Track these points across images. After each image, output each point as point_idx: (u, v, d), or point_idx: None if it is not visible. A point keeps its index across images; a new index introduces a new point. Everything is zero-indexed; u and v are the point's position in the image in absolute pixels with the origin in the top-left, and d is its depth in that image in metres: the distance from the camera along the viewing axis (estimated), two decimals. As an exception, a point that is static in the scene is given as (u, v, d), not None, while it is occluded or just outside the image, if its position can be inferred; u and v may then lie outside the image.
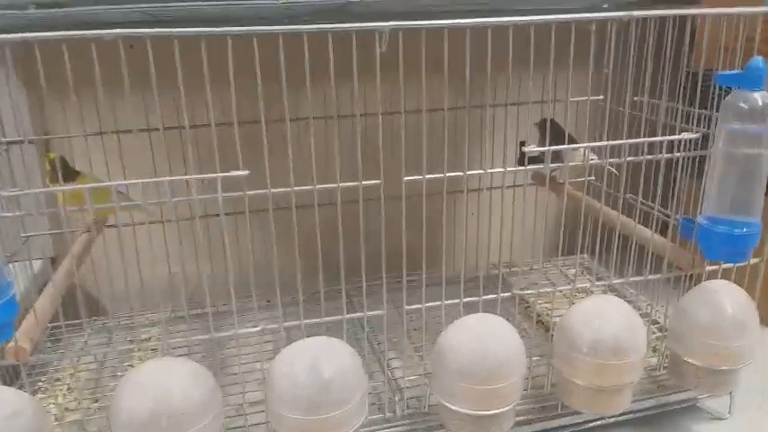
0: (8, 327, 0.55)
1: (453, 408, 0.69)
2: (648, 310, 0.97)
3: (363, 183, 0.64)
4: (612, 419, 0.86)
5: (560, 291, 0.78)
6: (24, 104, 0.97)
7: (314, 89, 0.61)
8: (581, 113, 1.10)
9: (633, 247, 0.83)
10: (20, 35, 0.54)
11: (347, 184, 0.65)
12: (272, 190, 0.63)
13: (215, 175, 0.58)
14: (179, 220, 0.70)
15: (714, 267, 0.81)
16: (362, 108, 0.66)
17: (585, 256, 1.24)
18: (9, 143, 0.89)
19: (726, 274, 0.82)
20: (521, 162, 1.12)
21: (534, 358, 0.79)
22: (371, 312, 0.68)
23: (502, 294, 0.73)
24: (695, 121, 0.85)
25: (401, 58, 0.63)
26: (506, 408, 0.69)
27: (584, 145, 0.77)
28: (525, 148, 0.73)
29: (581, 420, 0.83)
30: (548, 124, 1.03)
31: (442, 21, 0.60)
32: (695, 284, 0.80)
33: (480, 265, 1.16)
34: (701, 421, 0.88)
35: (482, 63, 0.66)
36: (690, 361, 0.78)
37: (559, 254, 1.21)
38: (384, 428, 0.75)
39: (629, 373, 0.73)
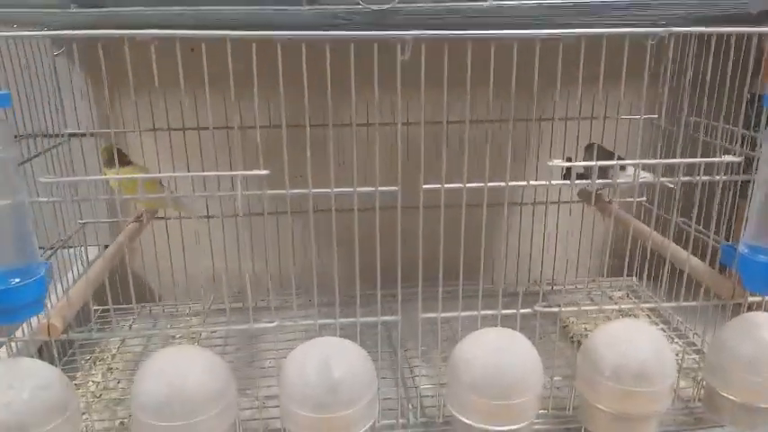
0: (38, 304, 0.59)
1: (465, 421, 0.68)
2: (693, 338, 0.92)
3: (382, 188, 0.64)
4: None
5: (586, 309, 0.75)
6: (87, 99, 1.03)
7: (358, 96, 0.63)
8: (633, 132, 1.07)
9: (677, 273, 0.79)
10: (85, 32, 0.57)
11: (384, 188, 0.65)
12: (313, 190, 0.65)
13: (235, 173, 0.60)
14: (222, 216, 0.72)
15: (758, 298, 0.77)
16: (405, 117, 0.66)
17: (634, 279, 1.19)
18: (71, 135, 0.95)
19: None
20: (566, 178, 1.10)
21: (556, 378, 0.77)
22: (385, 318, 0.69)
23: (522, 310, 0.72)
24: (747, 145, 0.81)
25: (431, 67, 0.63)
26: (520, 425, 0.68)
27: (633, 162, 0.74)
28: (570, 163, 0.72)
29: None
30: (595, 148, 1.00)
31: (470, 32, 0.60)
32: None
33: (522, 280, 1.15)
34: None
35: (531, 77, 0.65)
36: (726, 396, 0.74)
37: (605, 275, 1.17)
38: (397, 434, 0.76)
39: (653, 403, 0.70)
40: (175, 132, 0.99)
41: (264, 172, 0.61)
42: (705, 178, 0.72)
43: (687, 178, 0.74)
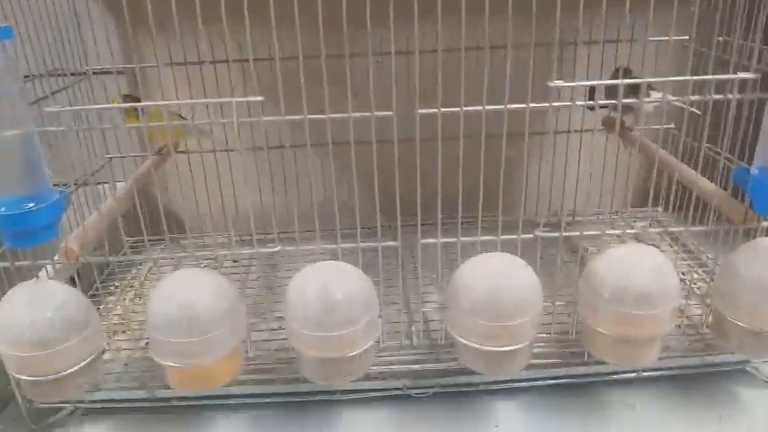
0: (53, 227, 0.63)
1: (465, 342, 0.70)
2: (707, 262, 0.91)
3: (378, 113, 0.64)
4: (650, 373, 0.83)
5: (590, 234, 0.75)
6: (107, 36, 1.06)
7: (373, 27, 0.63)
8: (662, 56, 1.02)
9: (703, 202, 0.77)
10: None
11: (381, 113, 0.65)
12: (309, 116, 0.66)
13: (229, 99, 0.62)
14: (240, 148, 0.73)
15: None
16: (421, 45, 0.66)
17: (659, 209, 1.17)
18: (94, 72, 0.98)
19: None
20: (590, 108, 1.07)
21: (559, 303, 0.77)
22: (385, 243, 0.70)
23: (523, 236, 0.72)
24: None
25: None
26: (518, 345, 0.69)
27: (647, 80, 0.72)
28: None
29: (610, 371, 0.81)
30: (620, 72, 0.97)
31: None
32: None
33: (543, 212, 1.14)
34: (749, 386, 0.83)
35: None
36: (734, 321, 0.73)
37: (630, 205, 1.15)
38: (401, 355, 0.78)
39: (654, 326, 0.70)
40: (194, 67, 1.00)
41: (259, 98, 0.62)
42: (716, 97, 0.70)
43: (697, 97, 0.71)
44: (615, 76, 0.96)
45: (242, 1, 0.60)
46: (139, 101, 0.92)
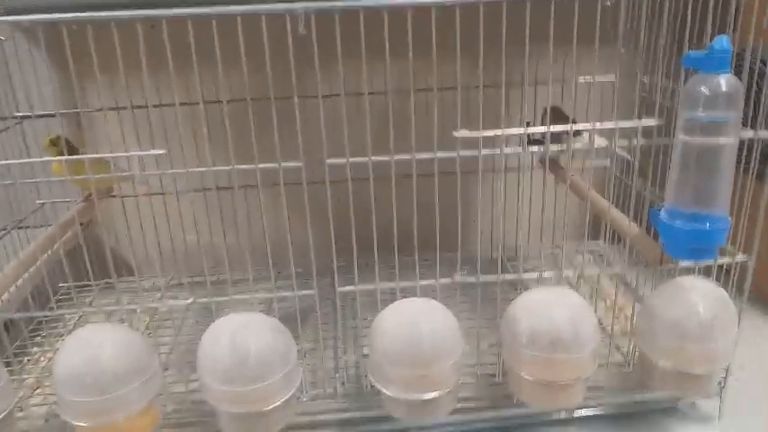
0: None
1: (384, 391, 0.69)
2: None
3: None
4: (585, 413, 0.83)
5: (508, 279, 0.75)
6: (52, 81, 1.05)
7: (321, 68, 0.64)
8: (594, 96, 1.04)
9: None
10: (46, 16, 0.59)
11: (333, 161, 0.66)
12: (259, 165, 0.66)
13: (131, 153, 0.61)
14: (172, 193, 0.73)
15: (690, 264, 0.75)
16: (370, 86, 0.66)
17: (600, 242, 1.18)
18: (23, 117, 0.96)
19: (707, 271, 0.76)
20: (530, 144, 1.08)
21: (483, 347, 0.77)
22: (302, 292, 0.69)
23: (441, 281, 0.72)
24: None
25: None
26: (439, 392, 0.69)
27: (581, 126, 0.73)
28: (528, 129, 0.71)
29: (541, 412, 0.81)
30: (548, 112, 0.98)
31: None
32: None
33: (485, 247, 1.14)
34: (684, 423, 0.83)
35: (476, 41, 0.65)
36: (655, 360, 0.74)
37: (564, 240, 1.15)
38: (324, 405, 0.77)
39: (573, 370, 0.70)
40: (140, 112, 0.99)
41: (161, 151, 0.62)
42: (622, 145, 0.71)
43: (606, 143, 0.72)
44: (544, 115, 0.98)
45: (188, 44, 0.60)
46: (70, 144, 0.91)
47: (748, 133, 0.71)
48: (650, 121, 0.68)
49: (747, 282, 0.76)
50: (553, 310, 0.69)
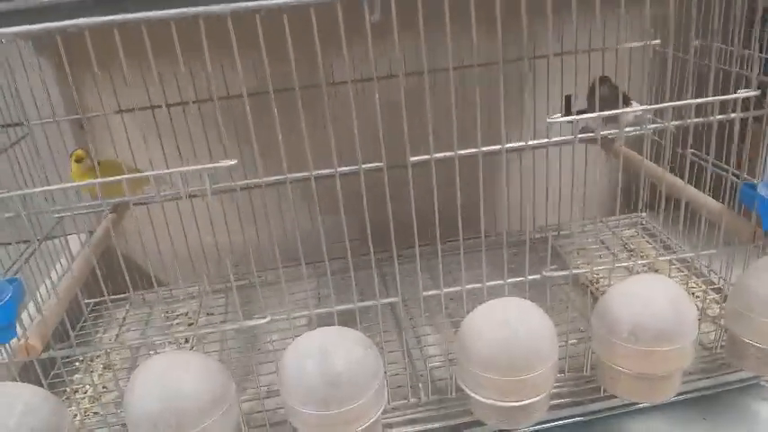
0: (9, 329, 0.55)
1: (478, 398, 0.65)
2: (715, 279, 0.88)
3: (366, 165, 0.58)
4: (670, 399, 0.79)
5: (601, 269, 0.71)
6: (54, 86, 0.97)
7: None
8: (635, 62, 0.99)
9: (689, 207, 0.74)
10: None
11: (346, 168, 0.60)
12: (290, 176, 0.60)
13: (202, 166, 0.55)
14: (191, 196, 0.66)
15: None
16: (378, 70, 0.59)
17: (644, 214, 1.14)
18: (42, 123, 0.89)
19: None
20: (567, 112, 1.03)
21: (572, 342, 0.73)
22: (385, 300, 0.64)
23: (531, 277, 0.67)
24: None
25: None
26: (536, 398, 0.64)
27: (641, 108, 0.68)
28: (549, 119, 0.65)
29: (626, 402, 0.77)
30: (597, 85, 0.92)
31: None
32: None
33: (525, 228, 1.10)
34: (763, 402, 0.81)
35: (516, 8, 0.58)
36: (749, 341, 0.70)
37: (616, 213, 1.12)
38: (409, 414, 0.72)
39: (675, 361, 0.66)
40: (144, 112, 0.93)
41: (233, 162, 0.55)
42: (719, 117, 0.66)
43: (699, 119, 0.67)
44: (593, 87, 0.93)
45: (199, 34, 0.53)
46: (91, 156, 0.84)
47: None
48: (748, 93, 0.63)
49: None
50: (655, 300, 0.65)
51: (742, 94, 0.63)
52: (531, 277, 0.67)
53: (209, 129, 0.92)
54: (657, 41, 0.97)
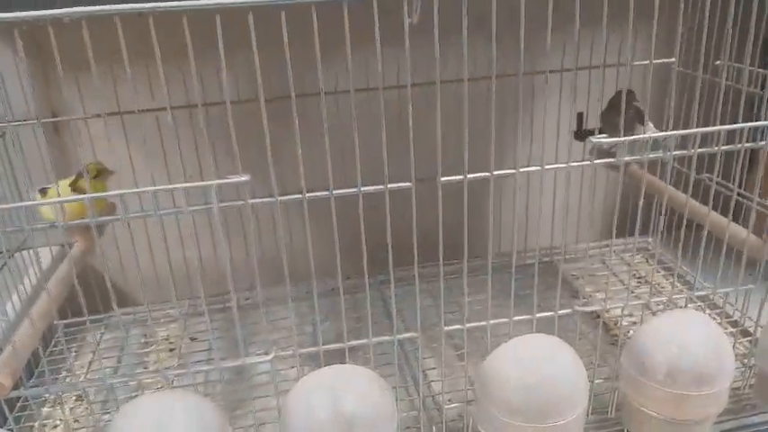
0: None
1: (500, 445, 0.59)
2: (737, 317, 0.83)
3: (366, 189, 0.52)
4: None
5: (635, 303, 0.66)
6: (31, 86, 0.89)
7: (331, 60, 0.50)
8: (647, 80, 0.95)
9: (693, 229, 0.70)
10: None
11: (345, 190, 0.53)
12: (280, 198, 0.53)
13: (209, 182, 0.48)
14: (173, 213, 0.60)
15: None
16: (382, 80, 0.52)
17: (649, 239, 1.10)
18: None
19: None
20: (578, 136, 0.98)
21: (598, 381, 0.68)
22: (402, 335, 0.58)
23: (561, 312, 0.62)
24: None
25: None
26: (564, 446, 0.59)
27: (669, 134, 0.64)
28: (593, 139, 0.60)
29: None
30: (622, 101, 0.88)
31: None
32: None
33: (526, 250, 1.05)
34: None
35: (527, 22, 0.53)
36: (783, 383, 0.66)
37: (626, 235, 1.08)
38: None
39: (711, 406, 0.61)
40: (129, 117, 0.85)
41: (245, 178, 0.48)
42: (748, 145, 0.62)
43: (728, 147, 0.63)
44: (616, 99, 0.88)
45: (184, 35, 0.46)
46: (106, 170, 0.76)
47: None
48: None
49: None
50: (693, 340, 0.60)
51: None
52: (561, 312, 0.62)
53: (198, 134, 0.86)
54: (673, 60, 0.93)
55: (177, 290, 0.96)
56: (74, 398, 0.80)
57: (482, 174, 0.57)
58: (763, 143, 0.65)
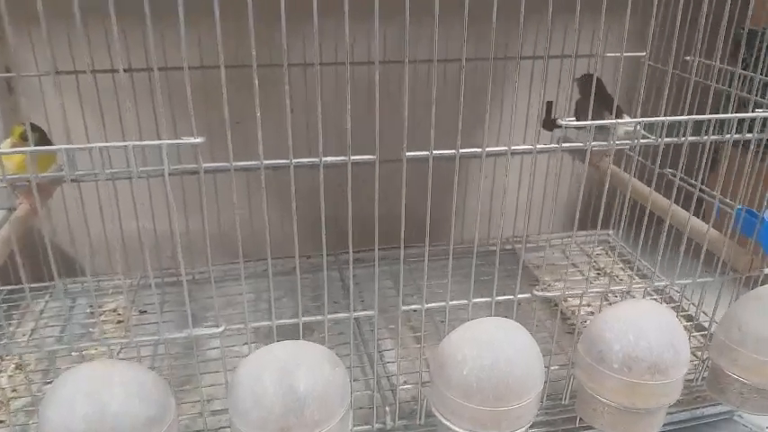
0: None
1: (454, 428, 0.58)
2: (692, 312, 0.84)
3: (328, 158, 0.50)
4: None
5: (595, 292, 0.65)
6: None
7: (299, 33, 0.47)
8: (626, 72, 0.95)
9: (654, 223, 0.70)
10: None
11: (333, 158, 0.51)
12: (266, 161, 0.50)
13: (159, 141, 0.45)
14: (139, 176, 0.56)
15: (773, 270, 0.68)
16: (352, 56, 0.50)
17: (610, 232, 1.11)
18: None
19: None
20: (546, 125, 0.98)
21: (553, 367, 0.67)
22: (360, 313, 0.56)
23: (520, 296, 0.61)
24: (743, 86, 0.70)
25: None
26: (522, 430, 0.58)
27: (636, 120, 0.63)
28: (562, 121, 0.59)
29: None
30: (593, 84, 0.87)
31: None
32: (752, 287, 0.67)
33: (489, 237, 1.04)
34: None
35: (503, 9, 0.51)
36: (735, 376, 0.66)
37: (575, 228, 1.08)
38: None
39: (667, 395, 0.61)
40: (85, 78, 0.82)
41: (199, 140, 0.46)
42: (714, 138, 0.62)
43: (694, 138, 0.63)
44: (583, 82, 0.87)
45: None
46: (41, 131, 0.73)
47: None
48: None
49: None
50: (650, 329, 0.60)
51: (761, 113, 0.58)
52: (521, 296, 0.61)
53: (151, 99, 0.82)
54: (644, 53, 0.93)
55: (130, 261, 0.93)
56: (12, 366, 0.76)
57: (448, 151, 0.55)
58: (728, 136, 0.65)
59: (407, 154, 0.51)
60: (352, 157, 0.49)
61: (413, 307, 0.59)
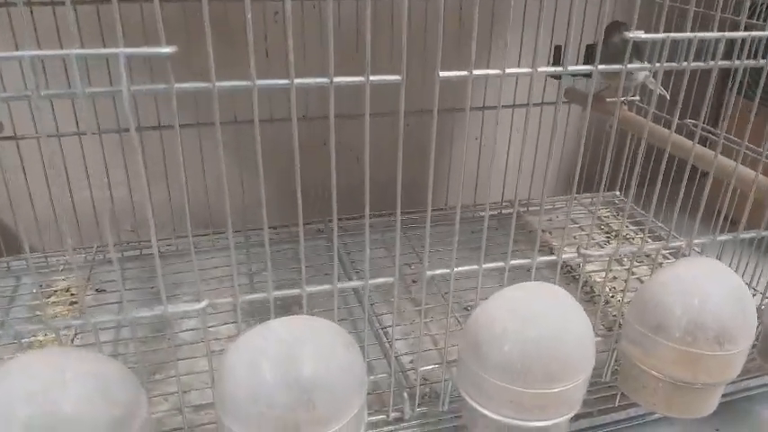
0: None
1: (490, 414, 0.48)
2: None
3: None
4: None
5: (625, 256, 0.55)
6: None
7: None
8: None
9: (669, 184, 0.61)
10: None
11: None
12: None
13: (116, 50, 0.33)
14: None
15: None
16: None
17: (617, 192, 1.02)
18: None
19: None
20: (555, 64, 0.88)
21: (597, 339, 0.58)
22: (375, 280, 0.45)
23: (539, 258, 0.51)
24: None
25: None
26: (565, 417, 0.49)
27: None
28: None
29: (639, 413, 0.64)
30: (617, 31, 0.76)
31: None
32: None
33: (489, 199, 0.94)
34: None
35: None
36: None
37: (582, 190, 0.99)
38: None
39: (732, 368, 0.52)
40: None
41: (167, 50, 0.34)
42: (749, 63, 0.52)
43: (725, 63, 0.52)
44: (611, 30, 0.77)
45: None
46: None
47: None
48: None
49: None
50: (716, 293, 0.50)
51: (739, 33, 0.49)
52: (541, 258, 0.51)
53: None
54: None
55: (83, 233, 0.80)
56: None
57: (460, 72, 0.43)
58: (764, 61, 0.55)
59: (441, 74, 0.40)
60: (372, 78, 0.38)
61: (438, 271, 0.48)
